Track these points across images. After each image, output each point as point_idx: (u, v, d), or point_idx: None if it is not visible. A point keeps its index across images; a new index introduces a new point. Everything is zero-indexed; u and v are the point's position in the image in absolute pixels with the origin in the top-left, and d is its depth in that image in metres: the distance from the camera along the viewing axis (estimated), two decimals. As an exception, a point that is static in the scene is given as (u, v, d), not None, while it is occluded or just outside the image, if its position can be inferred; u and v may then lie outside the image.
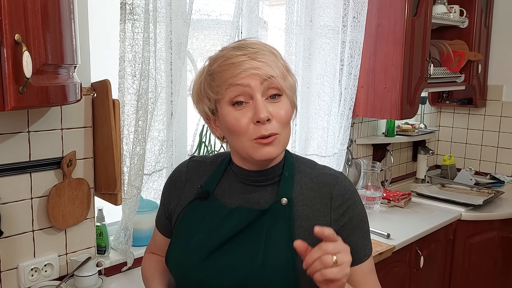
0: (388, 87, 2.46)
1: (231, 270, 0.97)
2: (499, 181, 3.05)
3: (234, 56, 0.95)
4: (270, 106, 0.96)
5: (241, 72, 0.94)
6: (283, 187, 1.02)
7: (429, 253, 2.34)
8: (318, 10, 2.21)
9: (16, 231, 1.46)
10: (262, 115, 0.93)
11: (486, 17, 3.03)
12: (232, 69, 0.95)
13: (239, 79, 0.94)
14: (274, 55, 0.99)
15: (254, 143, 0.96)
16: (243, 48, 0.97)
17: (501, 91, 3.13)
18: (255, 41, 1.00)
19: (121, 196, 1.59)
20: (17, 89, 1.02)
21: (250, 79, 0.94)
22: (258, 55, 0.95)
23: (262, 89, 0.95)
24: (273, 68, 0.95)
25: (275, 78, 0.95)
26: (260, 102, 0.94)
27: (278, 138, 0.97)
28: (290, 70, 1.02)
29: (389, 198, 2.58)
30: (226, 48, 1.00)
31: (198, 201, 1.07)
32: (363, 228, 1.05)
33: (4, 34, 0.99)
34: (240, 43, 1.00)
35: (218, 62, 0.98)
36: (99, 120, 1.56)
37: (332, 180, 1.04)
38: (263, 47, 0.98)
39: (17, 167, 1.43)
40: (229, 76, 0.95)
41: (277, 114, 0.96)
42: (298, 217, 1.00)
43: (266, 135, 0.94)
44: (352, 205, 1.03)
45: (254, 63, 0.94)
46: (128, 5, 1.52)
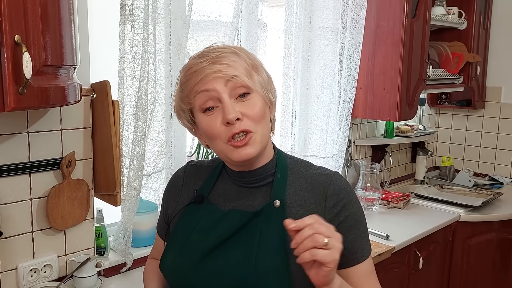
0: (387, 88, 2.46)
1: (224, 273, 0.97)
2: (498, 182, 3.06)
3: (196, 64, 0.96)
4: (240, 106, 0.95)
5: (203, 77, 0.95)
6: (275, 189, 1.02)
7: (428, 254, 2.34)
8: (317, 12, 2.21)
9: (16, 232, 1.46)
10: (230, 115, 0.93)
11: (484, 19, 3.04)
12: (195, 77, 0.96)
13: (203, 85, 0.95)
14: (237, 54, 0.98)
15: (229, 146, 0.96)
16: (205, 54, 0.97)
17: (499, 93, 3.13)
18: (219, 45, 1.01)
19: (121, 197, 1.59)
20: (17, 90, 1.02)
21: (214, 82, 0.94)
22: (219, 58, 0.95)
23: (228, 90, 0.95)
24: (235, 68, 0.95)
25: (238, 77, 0.95)
26: (227, 103, 0.94)
27: (253, 136, 0.96)
28: (259, 67, 1.01)
29: (388, 199, 2.59)
30: (192, 57, 1.01)
31: (193, 205, 1.07)
32: (360, 228, 1.03)
33: (4, 35, 0.99)
34: (203, 50, 1.00)
35: (183, 73, 1.00)
36: (99, 121, 1.56)
37: (326, 179, 1.03)
38: (225, 49, 0.98)
39: (17, 168, 1.43)
40: (193, 84, 0.96)
41: (248, 111, 0.96)
42: (292, 218, 0.99)
43: (237, 132, 0.94)
44: (347, 204, 1.01)
45: (215, 67, 0.94)
46: (127, 6, 1.52)
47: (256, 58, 1.03)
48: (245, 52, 1.01)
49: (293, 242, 0.83)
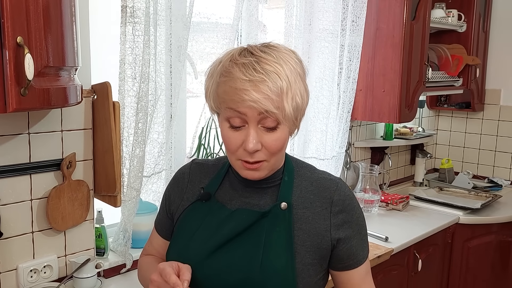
0: (387, 90, 2.47)
1: (230, 271, 0.98)
2: (497, 184, 3.06)
3: (239, 81, 0.91)
4: (264, 135, 0.95)
5: (240, 102, 0.92)
6: (282, 191, 1.04)
7: (427, 256, 2.34)
8: (317, 14, 2.22)
9: (16, 233, 1.46)
10: (249, 147, 0.93)
11: (484, 22, 3.05)
12: (233, 95, 0.92)
13: (237, 106, 0.93)
14: (281, 78, 0.92)
15: (240, 163, 0.98)
16: (250, 70, 0.92)
17: (499, 95, 3.14)
18: (268, 58, 0.93)
19: (121, 198, 1.59)
20: (19, 91, 1.03)
21: (248, 110, 0.92)
22: (262, 85, 0.91)
23: (259, 118, 0.93)
24: (274, 101, 0.91)
25: (273, 114, 0.92)
26: (251, 133, 0.94)
27: (264, 164, 0.98)
28: (296, 90, 0.94)
29: (387, 201, 2.59)
30: (236, 62, 0.94)
31: (199, 203, 1.08)
32: (362, 232, 1.07)
33: (7, 37, 0.99)
34: (250, 60, 0.93)
35: (225, 78, 0.95)
36: (99, 122, 1.56)
37: (332, 185, 1.05)
38: (272, 67, 0.92)
39: (17, 169, 1.43)
40: (228, 100, 0.94)
41: (269, 144, 0.95)
42: (297, 219, 1.02)
43: (251, 162, 0.96)
44: (351, 211, 1.05)
45: (254, 96, 0.90)
46: (128, 8, 1.52)
47: (297, 72, 0.96)
48: (290, 67, 0.94)
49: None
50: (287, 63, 0.94)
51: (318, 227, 1.02)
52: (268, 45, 0.98)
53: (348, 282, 1.06)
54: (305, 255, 1.00)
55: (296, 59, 0.98)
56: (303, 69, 1.00)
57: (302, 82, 0.98)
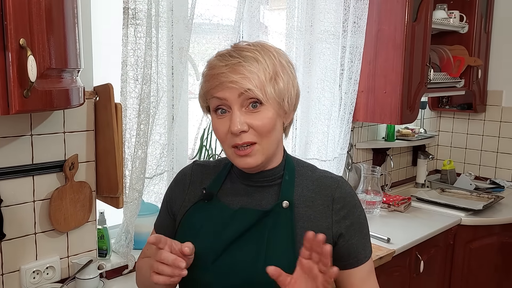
0: (388, 92, 2.47)
1: (236, 271, 0.99)
2: (499, 186, 3.06)
3: (216, 67, 0.97)
4: (248, 117, 0.96)
5: (218, 85, 0.96)
6: (284, 190, 1.04)
7: (429, 257, 2.34)
8: (319, 15, 2.22)
9: (19, 234, 1.46)
10: (234, 128, 0.95)
11: (486, 23, 3.05)
12: (212, 81, 0.97)
13: (216, 92, 0.96)
14: (258, 62, 0.95)
15: (233, 151, 0.99)
16: (228, 57, 0.97)
17: (500, 96, 3.14)
18: (245, 46, 0.99)
19: (123, 199, 1.60)
20: (22, 93, 1.03)
21: (227, 92, 0.95)
22: (237, 67, 0.95)
23: (240, 101, 0.96)
24: (251, 79, 0.94)
25: (252, 91, 0.94)
26: (235, 115, 0.96)
27: (257, 147, 0.98)
28: (278, 74, 0.98)
29: (389, 203, 2.59)
30: (216, 54, 1.01)
31: (202, 203, 1.09)
32: (363, 230, 1.07)
33: (9, 39, 1.00)
34: (228, 50, 0.99)
35: (206, 69, 1.00)
36: (101, 124, 1.57)
37: (333, 183, 1.06)
38: (249, 53, 0.96)
39: (20, 170, 1.44)
40: (209, 88, 0.98)
41: (255, 125, 0.97)
42: (299, 218, 1.02)
43: (240, 143, 0.97)
44: (352, 208, 1.05)
45: (231, 77, 0.94)
46: (130, 10, 1.53)
47: (279, 61, 0.99)
48: (269, 55, 0.98)
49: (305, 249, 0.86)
50: (266, 51, 0.98)
51: (320, 225, 1.02)
52: (255, 42, 1.02)
53: (348, 281, 1.06)
54: None
55: (281, 52, 1.02)
56: (288, 61, 1.02)
57: (286, 70, 1.00)
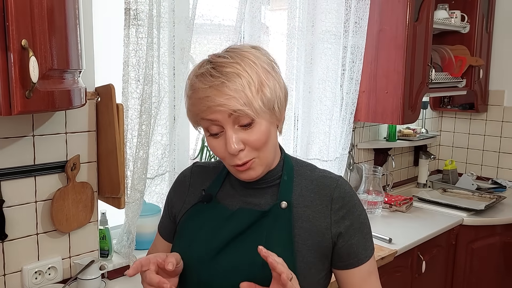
0: (390, 92, 2.47)
1: (234, 271, 0.99)
2: (501, 186, 3.06)
3: (200, 90, 0.94)
4: (243, 133, 0.96)
5: (206, 109, 0.94)
6: (282, 190, 1.04)
7: (431, 258, 2.34)
8: (320, 16, 2.22)
9: (21, 234, 1.47)
10: (231, 150, 0.95)
11: (487, 22, 3.05)
12: (199, 105, 0.95)
13: (206, 115, 0.95)
14: (241, 77, 0.93)
15: (233, 168, 1.00)
16: (208, 77, 0.94)
17: (502, 96, 3.14)
18: (223, 61, 0.95)
19: (124, 199, 1.60)
20: (24, 93, 1.03)
21: (218, 114, 0.94)
22: (222, 88, 0.92)
23: (231, 120, 0.94)
24: (238, 98, 0.92)
25: (242, 111, 0.93)
26: (229, 136, 0.95)
27: (256, 161, 0.99)
28: (263, 83, 0.95)
29: (391, 203, 2.59)
30: (196, 74, 0.96)
31: (201, 204, 1.09)
32: (364, 230, 1.06)
33: (11, 40, 1.00)
34: (207, 68, 0.95)
35: (190, 92, 0.98)
36: (103, 124, 1.57)
37: (332, 182, 1.05)
38: (230, 69, 0.93)
39: (22, 171, 1.44)
40: (197, 112, 0.96)
41: (250, 141, 0.96)
42: (298, 218, 1.02)
43: (240, 164, 0.97)
44: (352, 208, 1.04)
45: (217, 100, 0.92)
46: (132, 11, 1.53)
47: (261, 66, 0.97)
48: (250, 65, 0.95)
49: None
50: (245, 60, 0.95)
51: (319, 225, 1.02)
52: (228, 49, 1.00)
53: (349, 281, 1.05)
54: (307, 254, 1.00)
55: (259, 54, 0.99)
56: (270, 61, 1.00)
57: (270, 74, 0.98)
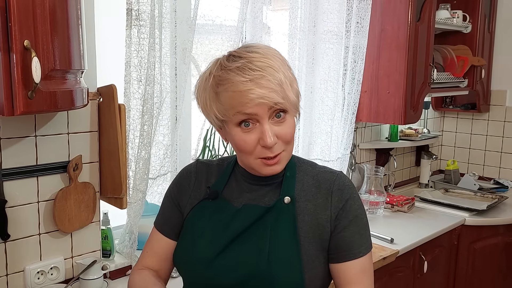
0: (392, 92, 2.47)
1: (239, 266, 1.00)
2: (503, 186, 3.05)
3: (240, 83, 0.94)
4: (276, 127, 0.98)
5: (248, 102, 0.94)
6: (285, 186, 1.07)
7: (432, 258, 2.34)
8: (322, 16, 2.22)
9: (23, 234, 1.47)
10: (269, 142, 0.96)
11: (489, 22, 3.04)
12: (239, 98, 0.94)
13: (246, 109, 0.95)
14: (276, 71, 0.95)
15: (260, 162, 1.00)
16: (247, 71, 0.94)
17: (504, 96, 3.13)
18: (258, 56, 0.97)
19: (126, 200, 1.60)
20: (26, 94, 1.04)
21: (258, 108, 0.95)
22: (262, 81, 0.94)
23: (269, 114, 0.97)
24: (278, 92, 0.95)
25: (282, 104, 0.96)
26: (266, 128, 0.96)
27: (283, 155, 1.01)
28: (293, 80, 1.00)
29: (393, 203, 2.59)
30: (229, 68, 0.96)
31: (206, 201, 1.10)
32: (359, 224, 1.05)
33: (14, 40, 1.00)
34: (242, 62, 0.95)
35: (224, 86, 0.96)
36: (105, 125, 1.57)
37: (331, 176, 1.08)
38: (264, 63, 0.95)
39: (24, 171, 1.44)
40: (236, 104, 0.95)
41: (283, 134, 0.99)
42: (300, 212, 1.04)
43: (272, 156, 0.99)
44: (349, 200, 1.05)
45: (259, 92, 0.93)
46: (134, 11, 1.53)
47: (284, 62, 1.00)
48: (278, 59, 0.98)
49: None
50: (274, 57, 0.99)
51: (319, 218, 1.04)
52: (248, 46, 1.01)
53: (340, 276, 1.03)
54: (309, 247, 1.02)
55: (276, 51, 1.03)
56: (285, 59, 1.04)
57: (291, 70, 1.03)
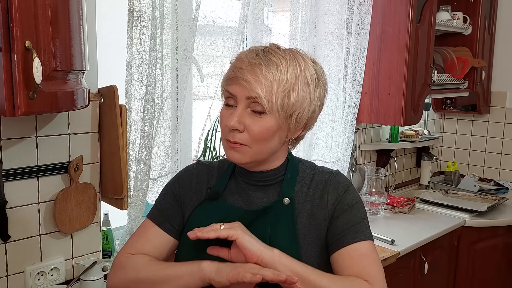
0: (392, 93, 2.47)
1: None
2: (503, 187, 3.05)
3: (240, 61, 1.00)
4: (249, 119, 0.99)
5: (233, 78, 0.99)
6: (285, 187, 1.07)
7: (433, 259, 2.33)
8: (323, 17, 2.23)
9: (23, 235, 1.47)
10: (229, 123, 0.99)
11: (489, 24, 3.04)
12: (231, 72, 1.01)
13: (229, 85, 1.01)
14: (278, 69, 0.96)
15: (226, 143, 1.03)
16: (254, 56, 0.99)
17: (504, 98, 3.13)
18: (275, 50, 1.00)
19: (127, 200, 1.60)
20: (27, 94, 1.03)
21: (239, 89, 0.99)
22: (257, 69, 0.97)
23: (247, 102, 0.99)
24: (263, 85, 0.96)
25: (258, 99, 0.97)
26: (236, 112, 0.99)
27: (246, 148, 1.01)
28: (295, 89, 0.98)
29: (393, 204, 2.59)
30: (250, 48, 1.03)
31: (207, 202, 1.11)
32: (354, 214, 1.04)
33: (15, 41, 1.00)
34: (259, 48, 1.01)
35: (234, 58, 1.04)
36: (106, 126, 1.57)
37: (328, 176, 1.09)
38: (274, 58, 0.97)
39: (25, 172, 1.44)
40: (227, 77, 1.03)
41: (252, 128, 0.99)
42: (299, 213, 1.05)
43: (230, 141, 1.01)
44: (344, 194, 1.06)
45: (246, 76, 0.97)
46: (135, 12, 1.53)
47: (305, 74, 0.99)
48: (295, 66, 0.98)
49: None
50: (294, 61, 0.99)
51: (317, 218, 1.05)
52: (291, 48, 1.05)
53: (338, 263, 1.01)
54: (308, 248, 1.03)
55: (313, 67, 1.02)
56: (317, 79, 1.02)
57: (308, 87, 1.00)
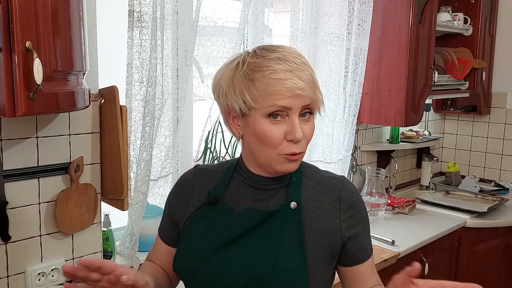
0: (393, 94, 2.47)
1: (240, 269, 0.99)
2: (504, 188, 3.05)
3: (281, 71, 0.94)
4: (303, 126, 0.98)
5: (287, 91, 0.94)
6: (291, 191, 1.05)
7: (433, 260, 2.33)
8: (323, 18, 2.23)
9: (24, 236, 1.47)
10: (298, 136, 0.96)
11: (490, 25, 3.04)
12: (277, 85, 0.94)
13: (282, 99, 0.94)
14: (309, 69, 0.99)
15: (282, 157, 0.99)
16: (288, 62, 0.96)
17: (505, 99, 3.13)
18: (292, 52, 0.99)
19: (128, 201, 1.60)
20: (28, 95, 1.03)
21: (292, 100, 0.95)
22: (301, 74, 0.96)
23: (300, 110, 0.97)
24: (312, 88, 0.97)
25: (315, 103, 0.98)
26: (296, 122, 0.96)
27: (301, 155, 1.02)
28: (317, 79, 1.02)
29: (394, 205, 2.59)
30: (268, 57, 0.97)
31: (206, 207, 1.08)
32: (367, 226, 1.11)
33: (16, 41, 1.00)
34: (281, 53, 0.97)
35: (263, 72, 0.95)
36: (107, 126, 1.57)
37: (338, 183, 1.08)
38: (301, 60, 0.98)
39: (26, 172, 1.44)
40: (273, 92, 0.94)
41: (307, 134, 1.00)
42: (307, 219, 1.03)
43: (297, 153, 0.98)
44: (358, 207, 1.08)
45: (300, 83, 0.94)
46: (136, 13, 1.54)
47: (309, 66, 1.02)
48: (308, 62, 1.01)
49: None
50: (303, 57, 1.01)
51: (328, 226, 1.03)
52: (273, 45, 1.03)
53: (359, 275, 1.09)
54: (317, 254, 1.01)
55: None
56: None
57: None
